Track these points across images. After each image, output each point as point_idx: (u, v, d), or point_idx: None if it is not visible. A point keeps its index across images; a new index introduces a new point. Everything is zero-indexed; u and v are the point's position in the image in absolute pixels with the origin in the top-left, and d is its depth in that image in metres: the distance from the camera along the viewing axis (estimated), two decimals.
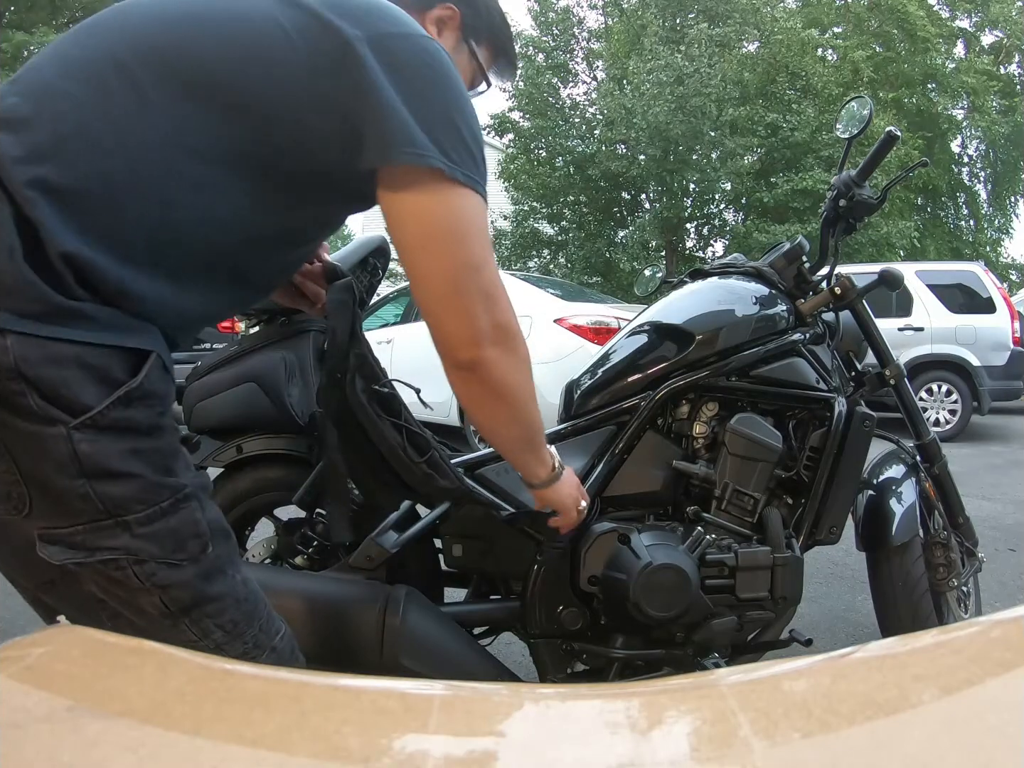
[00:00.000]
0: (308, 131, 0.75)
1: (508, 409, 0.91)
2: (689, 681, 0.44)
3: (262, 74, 0.73)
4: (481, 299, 0.80)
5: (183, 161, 0.72)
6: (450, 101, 0.78)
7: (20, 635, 0.45)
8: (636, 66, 13.51)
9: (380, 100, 0.73)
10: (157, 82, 0.71)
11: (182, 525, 0.73)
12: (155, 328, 0.73)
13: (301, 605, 1.27)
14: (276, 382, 1.39)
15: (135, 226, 0.70)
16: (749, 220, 14.90)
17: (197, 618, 0.75)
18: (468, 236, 0.79)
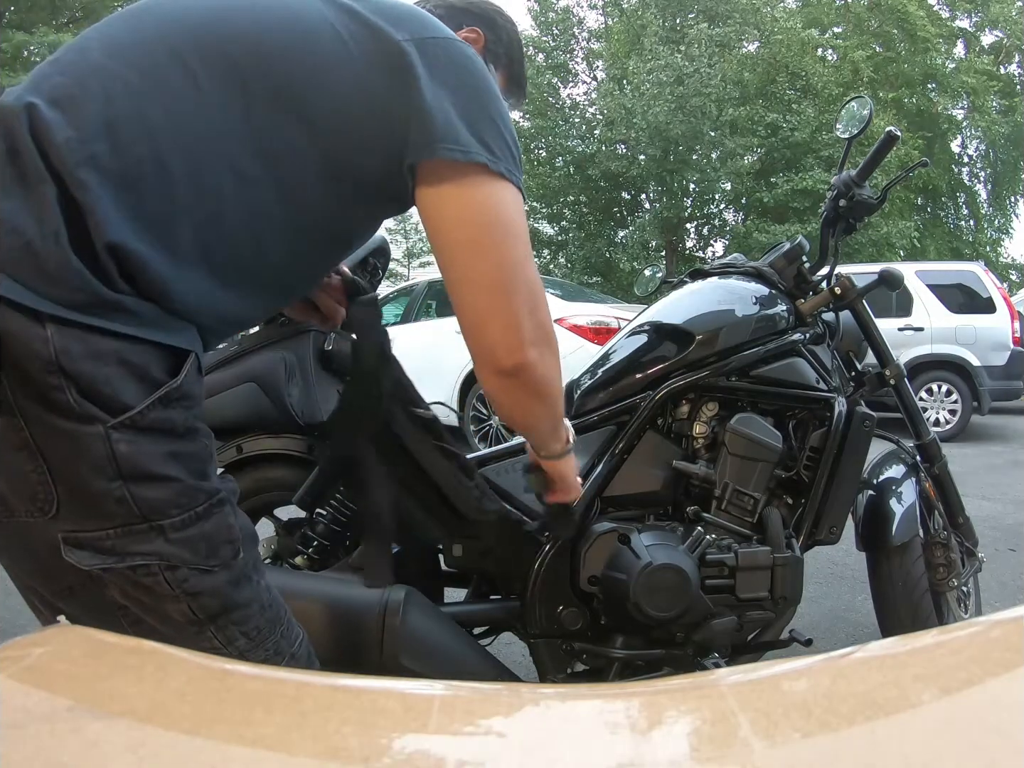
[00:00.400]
0: (360, 133, 0.75)
1: (546, 406, 0.90)
2: (689, 681, 0.44)
3: (320, 78, 0.73)
4: (528, 298, 0.79)
5: (237, 157, 0.71)
6: (490, 101, 0.78)
7: (20, 635, 0.45)
8: (636, 66, 13.52)
9: (425, 99, 0.73)
10: (215, 76, 0.70)
11: (216, 530, 0.71)
12: (193, 328, 0.72)
13: (301, 605, 1.27)
14: (276, 382, 1.39)
15: (186, 217, 0.69)
16: (749, 220, 14.92)
17: (223, 625, 0.73)
18: (515, 231, 0.78)
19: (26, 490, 0.65)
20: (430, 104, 0.73)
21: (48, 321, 0.61)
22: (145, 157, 0.66)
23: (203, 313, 0.73)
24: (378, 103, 0.74)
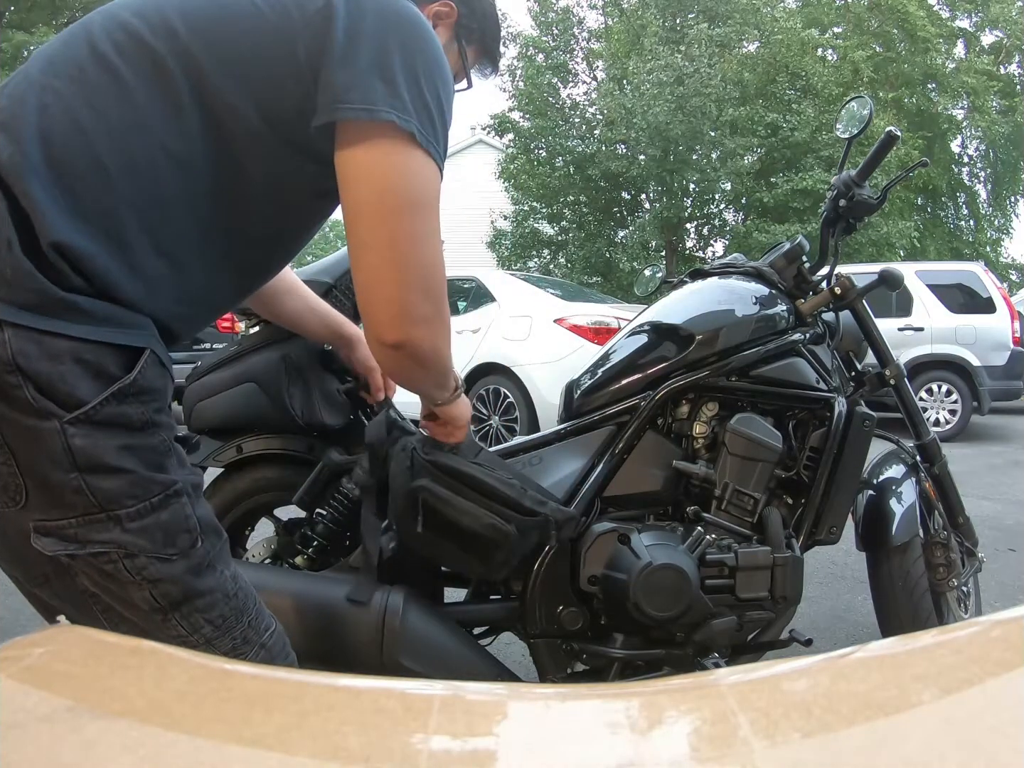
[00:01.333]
0: (282, 96, 0.75)
1: (431, 373, 0.91)
2: (689, 681, 0.44)
3: (234, 46, 0.74)
4: (421, 277, 0.78)
5: (168, 140, 0.73)
6: (419, 64, 0.76)
7: (20, 635, 0.45)
8: (636, 66, 13.51)
9: (344, 56, 0.73)
10: (134, 67, 0.73)
11: (172, 520, 0.74)
12: (150, 323, 0.74)
13: (301, 605, 1.27)
14: (276, 382, 1.39)
15: (127, 207, 0.72)
16: (749, 220, 14.90)
17: (187, 613, 0.76)
18: (419, 203, 0.77)
19: (0, 482, 0.70)
20: (343, 60, 0.73)
21: (5, 326, 0.65)
22: (79, 157, 0.70)
23: (162, 299, 0.75)
24: (295, 63, 0.74)
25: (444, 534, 1.23)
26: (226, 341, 5.59)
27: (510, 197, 15.29)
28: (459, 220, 17.86)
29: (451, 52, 1.03)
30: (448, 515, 1.20)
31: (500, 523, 1.21)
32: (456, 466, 1.21)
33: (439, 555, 1.35)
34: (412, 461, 1.20)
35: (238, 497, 1.55)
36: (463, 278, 6.11)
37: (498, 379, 5.10)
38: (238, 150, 0.76)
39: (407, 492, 1.20)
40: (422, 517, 1.21)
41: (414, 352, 0.82)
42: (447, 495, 1.20)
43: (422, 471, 1.20)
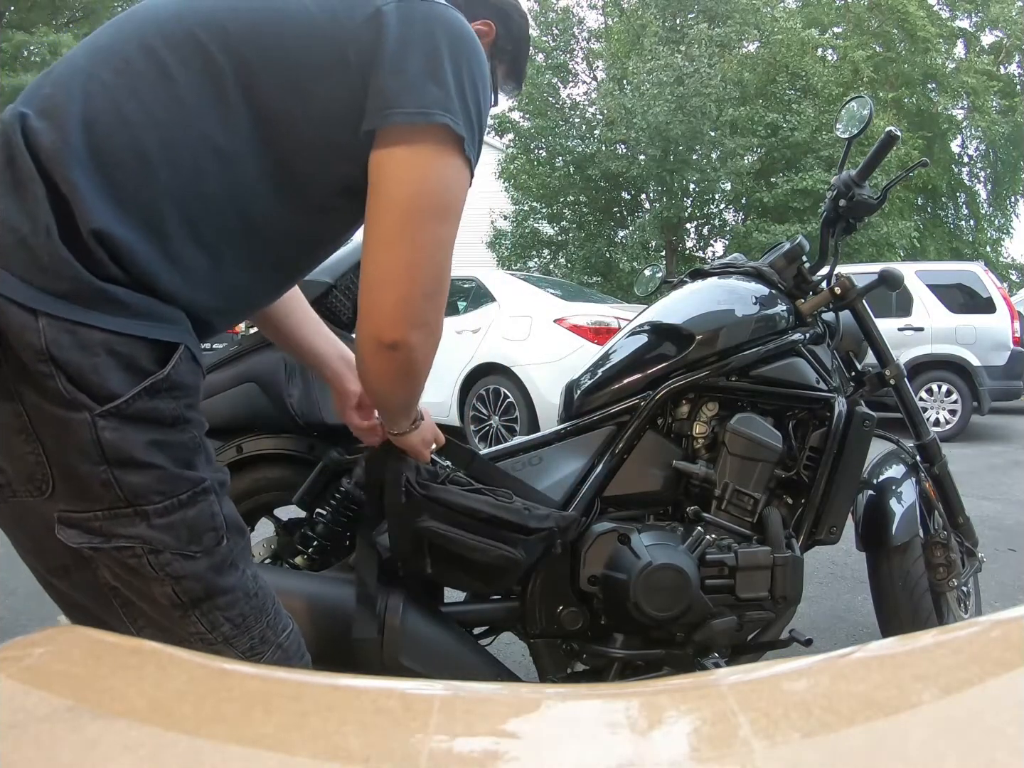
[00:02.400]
0: (331, 98, 0.75)
1: (411, 387, 0.91)
2: (689, 681, 0.44)
3: (281, 47, 0.75)
4: (431, 281, 0.78)
5: (215, 136, 0.73)
6: (466, 73, 0.77)
7: (20, 635, 0.45)
8: (636, 66, 13.51)
9: (396, 64, 0.74)
10: (185, 62, 0.73)
11: (199, 518, 0.74)
12: (185, 318, 0.74)
13: (301, 605, 1.27)
14: (276, 382, 1.39)
15: (169, 199, 0.71)
16: (749, 220, 14.91)
17: (207, 610, 0.75)
18: (449, 211, 0.78)
19: (25, 471, 0.69)
20: (390, 68, 0.74)
21: (40, 314, 0.65)
22: (123, 147, 0.70)
23: (199, 292, 0.75)
24: (346, 69, 0.75)
25: (453, 568, 1.24)
26: (226, 341, 5.58)
27: (510, 197, 15.29)
28: None
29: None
30: (456, 552, 1.20)
31: (509, 551, 1.21)
32: (456, 500, 1.20)
33: (447, 583, 1.36)
34: (407, 495, 1.19)
35: (238, 497, 1.55)
36: (463, 278, 6.10)
37: (498, 379, 5.10)
38: (282, 149, 0.76)
39: (411, 533, 1.20)
40: (430, 559, 1.21)
41: (408, 356, 0.81)
42: (453, 533, 1.19)
43: (421, 508, 1.19)
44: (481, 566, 1.22)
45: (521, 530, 1.23)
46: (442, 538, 1.19)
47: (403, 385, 0.89)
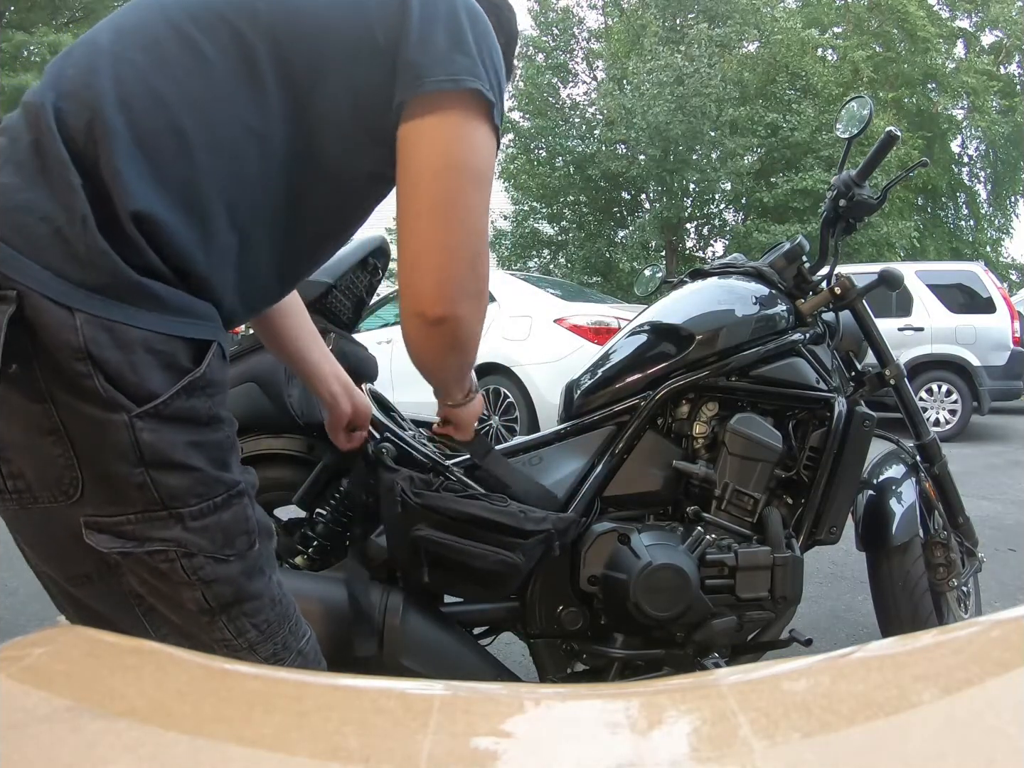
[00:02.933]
0: (364, 81, 0.75)
1: (462, 359, 0.87)
2: (689, 681, 0.44)
3: (311, 29, 0.74)
4: (472, 248, 0.76)
5: (250, 115, 0.72)
6: (486, 48, 0.77)
7: (20, 635, 0.45)
8: (636, 66, 13.52)
9: (417, 39, 0.73)
10: (216, 41, 0.71)
11: (234, 521, 0.73)
12: (216, 313, 0.72)
13: (301, 605, 1.27)
14: (276, 382, 1.39)
15: (207, 177, 0.70)
16: (749, 220, 14.91)
17: (235, 616, 0.74)
18: (481, 176, 0.75)
19: (52, 475, 0.66)
20: (417, 44, 0.73)
21: (77, 312, 0.62)
22: (161, 128, 0.68)
23: (229, 275, 0.73)
24: (376, 49, 0.74)
25: (451, 575, 1.25)
26: None
27: (510, 197, 15.28)
28: None
29: None
30: (454, 559, 1.21)
31: (507, 556, 1.21)
32: (451, 506, 1.20)
33: (446, 590, 1.36)
34: (403, 505, 1.19)
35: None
36: None
37: (498, 379, 5.10)
38: (314, 131, 0.75)
39: (408, 542, 1.20)
40: (427, 567, 1.22)
41: (455, 330, 0.78)
42: (450, 541, 1.20)
43: (417, 517, 1.19)
44: (480, 572, 1.22)
45: (518, 534, 1.23)
46: (439, 546, 1.19)
47: (454, 358, 0.85)
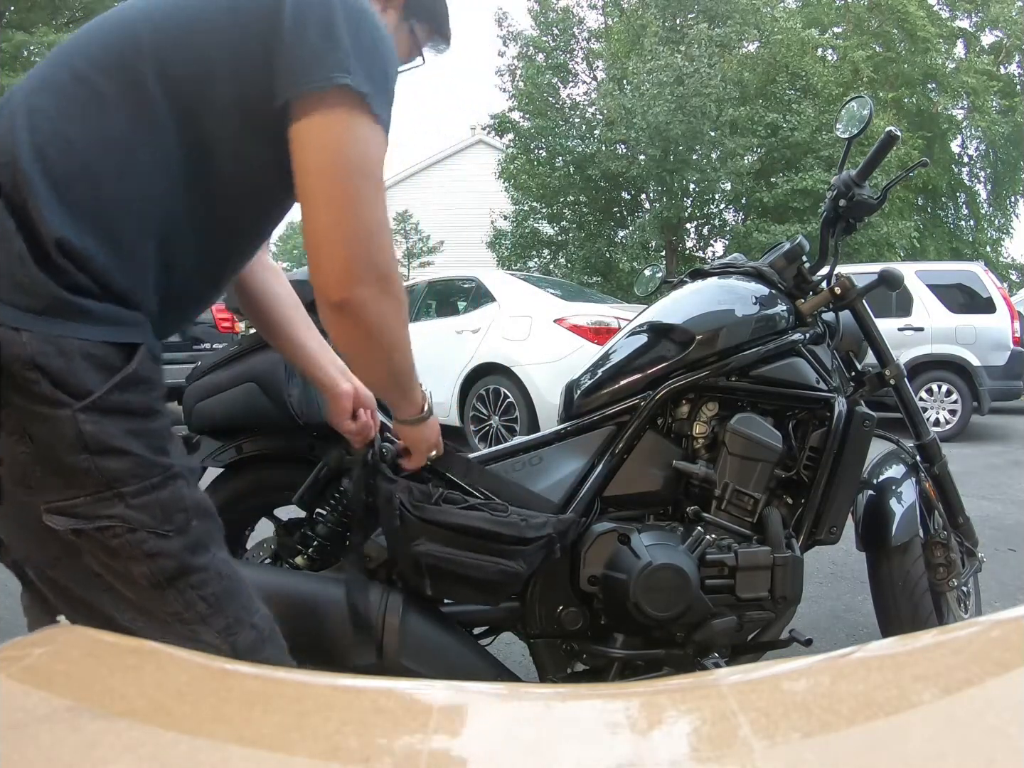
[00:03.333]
0: (248, 87, 0.82)
1: (378, 351, 0.92)
2: (689, 681, 0.44)
3: (192, 43, 0.83)
4: (365, 237, 0.82)
5: (145, 139, 0.81)
6: (366, 38, 0.82)
7: (20, 635, 0.45)
8: (636, 66, 13.50)
9: (290, 39, 0.80)
10: (111, 79, 0.81)
11: (170, 499, 0.81)
12: (144, 320, 0.83)
13: (302, 605, 1.27)
14: (276, 382, 1.39)
15: (117, 205, 0.81)
16: (749, 220, 14.90)
17: (182, 588, 0.82)
18: (366, 168, 0.82)
19: (19, 471, 0.78)
20: (291, 44, 0.80)
21: (23, 331, 0.75)
22: (72, 168, 0.79)
23: (152, 287, 0.84)
24: (254, 54, 0.81)
25: (453, 585, 1.25)
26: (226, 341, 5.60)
27: (510, 197, 15.28)
28: (459, 220, 17.88)
29: (402, 32, 1.09)
30: (456, 572, 1.21)
31: (508, 565, 1.22)
32: (451, 520, 1.20)
33: (449, 597, 1.37)
34: (402, 519, 1.19)
35: (238, 497, 1.55)
36: (463, 278, 6.10)
37: (498, 379, 5.10)
38: (213, 137, 0.83)
39: (409, 558, 1.21)
40: (430, 580, 1.22)
41: (359, 315, 0.85)
42: (451, 554, 1.20)
43: (416, 531, 1.19)
44: (482, 582, 1.22)
45: (519, 541, 1.23)
46: (440, 560, 1.19)
47: (368, 348, 0.91)
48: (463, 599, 1.37)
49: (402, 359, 0.97)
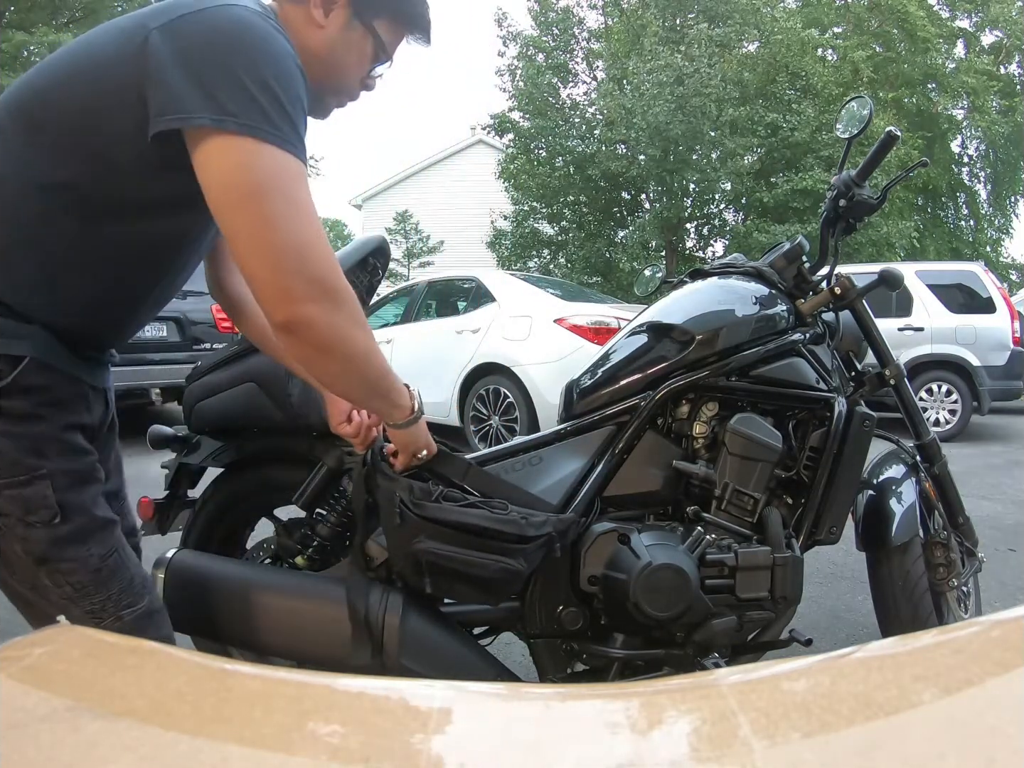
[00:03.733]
0: (126, 124, 0.84)
1: (339, 364, 0.92)
2: (689, 681, 0.44)
3: (74, 91, 0.87)
4: (291, 255, 0.81)
5: (39, 175, 0.87)
6: (238, 63, 0.81)
7: (20, 635, 0.45)
8: (636, 66, 13.50)
9: (159, 77, 0.81)
10: (15, 122, 0.88)
11: (33, 496, 0.90)
12: (35, 332, 0.90)
13: (302, 606, 1.28)
14: (276, 382, 1.39)
15: (6, 238, 0.89)
16: (749, 220, 14.89)
17: (51, 571, 0.93)
18: (263, 188, 0.81)
19: None
20: (161, 79, 0.81)
21: None
22: None
23: (51, 309, 0.91)
24: (128, 91, 0.83)
25: (453, 583, 1.25)
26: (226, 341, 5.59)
27: (510, 197, 15.28)
28: (459, 220, 17.89)
29: (354, 32, 1.02)
30: (456, 570, 1.21)
31: (508, 563, 1.22)
32: (452, 518, 1.20)
33: (448, 596, 1.36)
34: (402, 517, 1.19)
35: (238, 497, 1.55)
36: (463, 278, 6.10)
37: (498, 379, 5.10)
38: (98, 174, 0.87)
39: (409, 555, 1.20)
40: (430, 579, 1.22)
41: (308, 334, 0.85)
42: (451, 552, 1.19)
43: (416, 529, 1.19)
44: (482, 580, 1.22)
45: (520, 540, 1.23)
46: (440, 557, 1.19)
47: (334, 363, 0.91)
48: (463, 598, 1.37)
49: (367, 367, 0.95)
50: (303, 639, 1.27)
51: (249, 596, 1.28)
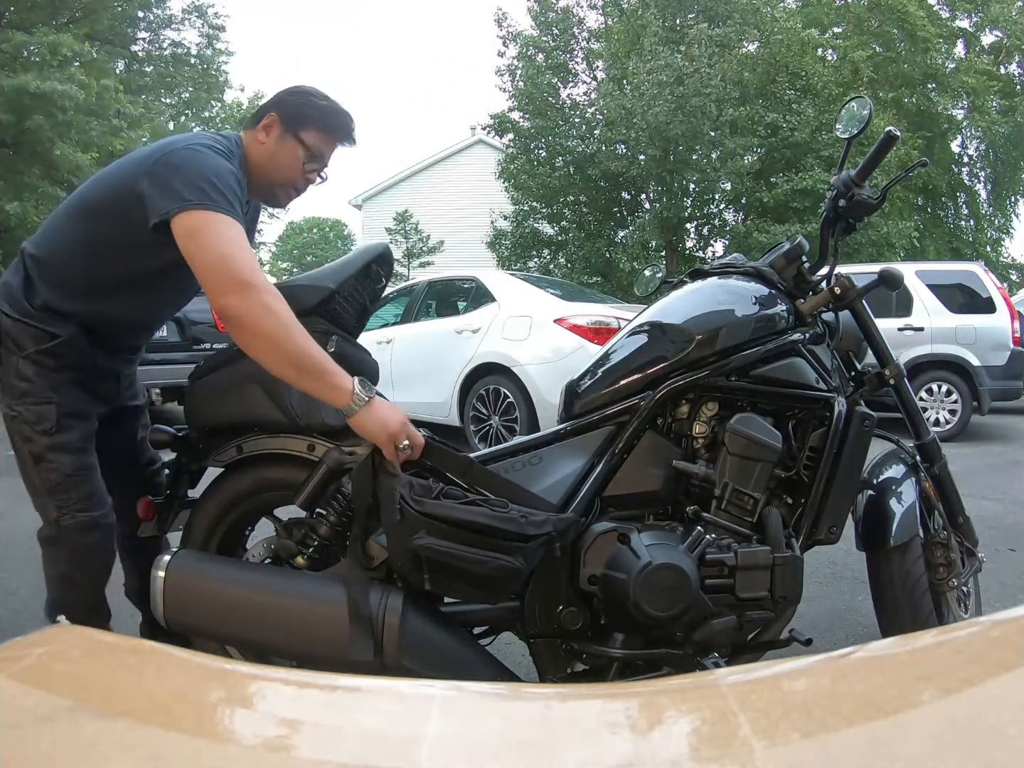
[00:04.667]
0: (131, 218, 1.32)
1: (265, 343, 1.21)
2: (689, 681, 0.44)
3: (99, 196, 1.42)
4: (216, 263, 1.22)
5: (73, 236, 1.44)
6: (192, 171, 1.28)
7: (20, 635, 0.45)
8: (636, 66, 13.49)
9: (145, 195, 1.30)
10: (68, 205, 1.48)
11: (44, 413, 1.40)
12: (73, 325, 1.45)
13: (302, 606, 1.27)
14: (276, 382, 1.39)
15: (72, 277, 1.44)
16: (749, 220, 14.89)
17: (42, 469, 1.40)
18: (209, 234, 1.24)
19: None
20: (148, 196, 1.29)
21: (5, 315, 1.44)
22: (44, 254, 1.47)
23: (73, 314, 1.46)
24: (135, 201, 1.31)
25: (453, 581, 1.25)
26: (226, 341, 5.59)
27: (510, 197, 15.27)
28: (459, 220, 17.88)
29: (288, 143, 1.45)
30: (456, 566, 1.21)
31: (508, 561, 1.22)
32: (452, 514, 1.20)
33: (448, 594, 1.36)
34: (402, 513, 1.19)
35: (238, 497, 1.55)
36: (463, 278, 6.10)
37: (498, 379, 5.09)
38: (114, 252, 1.41)
39: (409, 551, 1.20)
40: (429, 575, 1.21)
41: (236, 319, 1.20)
42: (450, 549, 1.19)
43: (417, 525, 1.19)
44: (481, 577, 1.22)
45: (519, 538, 1.23)
46: (440, 554, 1.19)
47: (254, 342, 1.22)
48: (462, 595, 1.36)
49: (292, 346, 1.20)
50: (303, 639, 1.27)
51: (249, 596, 1.28)
